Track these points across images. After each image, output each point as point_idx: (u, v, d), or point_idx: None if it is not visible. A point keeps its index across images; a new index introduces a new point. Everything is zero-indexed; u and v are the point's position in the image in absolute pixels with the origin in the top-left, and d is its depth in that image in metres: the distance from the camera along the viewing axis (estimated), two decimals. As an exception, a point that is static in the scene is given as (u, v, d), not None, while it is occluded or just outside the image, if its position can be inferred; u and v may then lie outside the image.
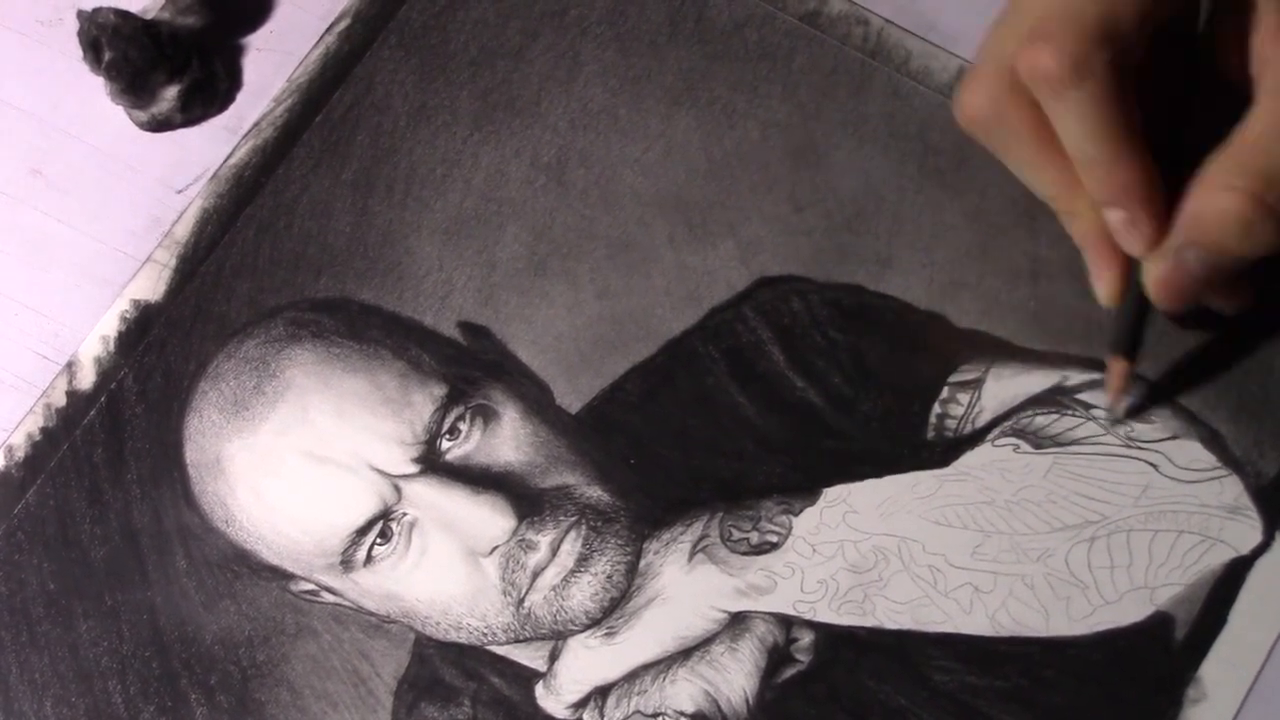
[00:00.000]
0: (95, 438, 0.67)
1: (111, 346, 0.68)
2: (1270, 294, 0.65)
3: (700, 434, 0.65)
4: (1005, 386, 0.65)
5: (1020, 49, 0.54)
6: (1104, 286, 0.60)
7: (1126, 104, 0.53)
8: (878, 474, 0.64)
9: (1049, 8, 0.54)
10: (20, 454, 0.66)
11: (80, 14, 0.70)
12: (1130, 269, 0.59)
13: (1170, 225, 0.56)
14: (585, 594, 0.63)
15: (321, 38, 0.73)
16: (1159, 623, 0.61)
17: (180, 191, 0.71)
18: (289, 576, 0.65)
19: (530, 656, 0.64)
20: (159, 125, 0.71)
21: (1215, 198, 0.54)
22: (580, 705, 0.62)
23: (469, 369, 0.66)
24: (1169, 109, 0.56)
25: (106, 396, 0.67)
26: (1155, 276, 0.57)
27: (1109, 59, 0.52)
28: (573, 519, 0.64)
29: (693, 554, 0.63)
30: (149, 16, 0.71)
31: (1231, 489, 0.62)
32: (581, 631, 0.63)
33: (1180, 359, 0.64)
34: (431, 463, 0.64)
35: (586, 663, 0.63)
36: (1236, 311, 0.62)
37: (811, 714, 0.61)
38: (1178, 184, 0.56)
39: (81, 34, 0.70)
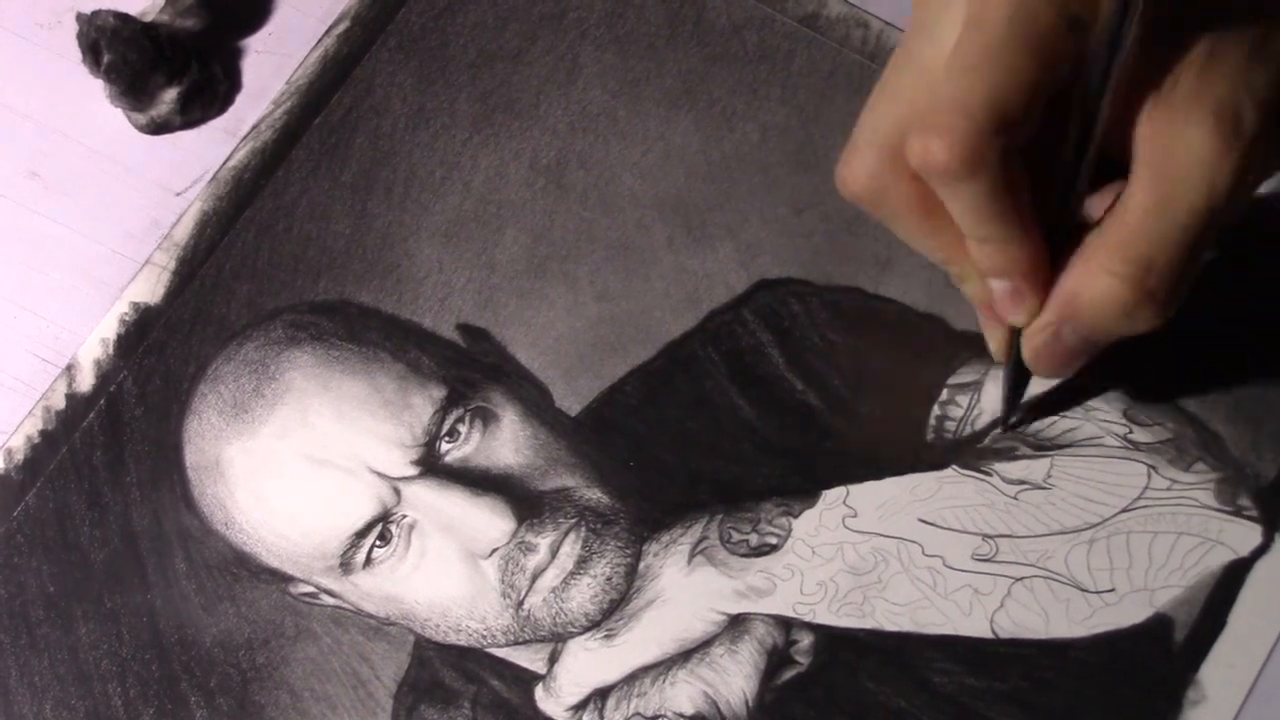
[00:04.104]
0: (94, 440, 0.67)
1: (111, 349, 0.68)
2: (1265, 298, 0.65)
3: (700, 436, 0.65)
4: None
5: (911, 137, 0.53)
6: (993, 343, 0.61)
7: (1016, 186, 0.53)
8: (877, 476, 0.64)
9: (936, 94, 0.52)
10: (19, 457, 0.66)
11: (79, 16, 0.70)
12: (1015, 332, 0.59)
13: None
14: (585, 596, 0.63)
15: (320, 40, 0.73)
16: (1158, 624, 0.61)
17: (179, 194, 0.71)
18: (288, 579, 0.65)
19: (530, 659, 0.64)
20: (158, 128, 0.71)
21: (1095, 281, 0.53)
22: (580, 707, 0.62)
23: (468, 371, 0.66)
24: (1056, 172, 0.55)
25: (106, 399, 0.67)
26: (1032, 347, 0.57)
27: (1001, 150, 0.51)
28: (572, 521, 0.64)
29: (692, 556, 0.63)
30: (148, 19, 0.71)
31: (1230, 491, 0.62)
32: (581, 634, 0.63)
33: (1177, 361, 0.64)
34: (431, 465, 0.64)
35: (586, 665, 0.63)
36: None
37: (811, 716, 0.61)
38: (1061, 247, 0.55)
39: (80, 36, 0.70)
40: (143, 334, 0.68)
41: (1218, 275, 0.60)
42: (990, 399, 0.65)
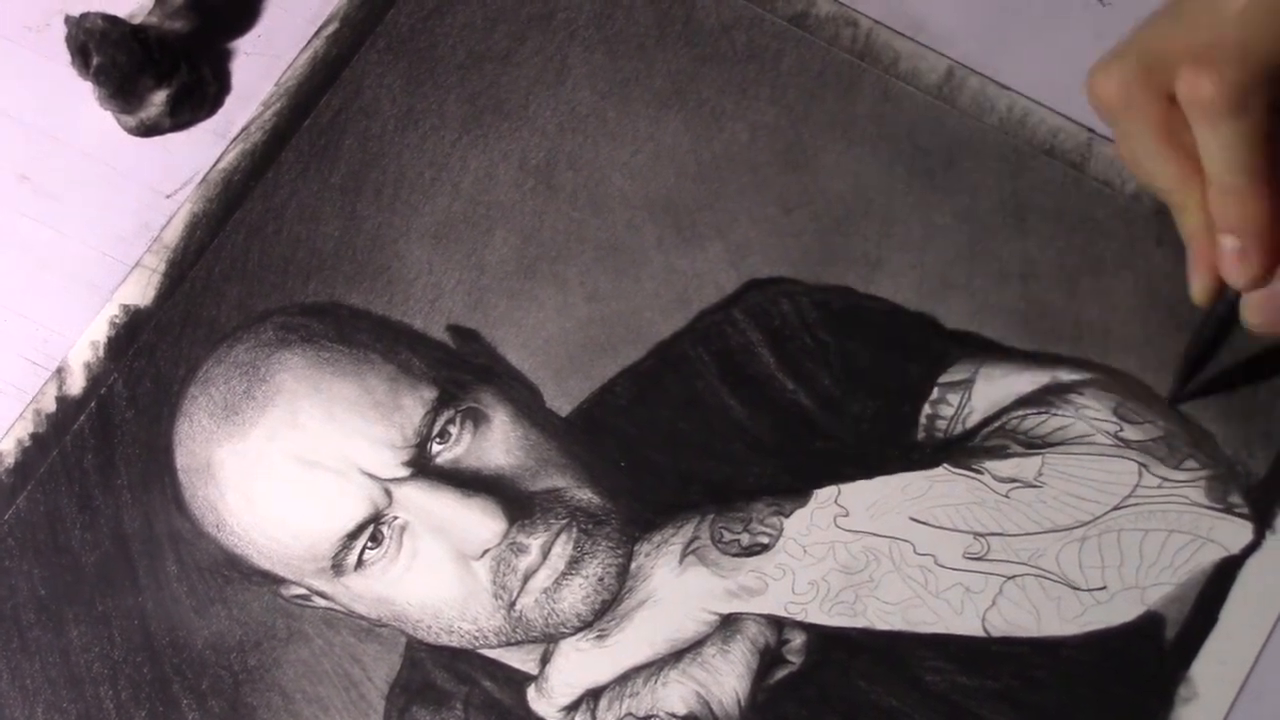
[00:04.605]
0: (85, 443, 0.66)
1: (101, 352, 0.68)
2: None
3: (690, 436, 0.65)
4: (995, 387, 0.65)
5: (1185, 67, 0.53)
6: (1199, 284, 0.59)
7: (1272, 142, 0.53)
8: (868, 475, 0.64)
9: (1220, 31, 0.53)
10: (10, 460, 0.66)
11: (68, 19, 0.70)
12: (1222, 286, 0.58)
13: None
14: (576, 596, 0.63)
15: (309, 42, 0.72)
16: (1150, 622, 0.61)
17: (169, 196, 0.71)
18: (280, 581, 0.65)
19: (522, 659, 0.64)
20: (147, 130, 0.71)
21: None
22: (572, 708, 0.62)
23: (459, 372, 0.66)
24: None
25: (96, 402, 0.67)
26: (1254, 301, 0.57)
27: (1271, 100, 0.52)
28: (563, 522, 0.64)
29: (684, 556, 0.63)
30: (137, 21, 0.71)
31: (1221, 488, 0.62)
32: (573, 634, 0.63)
33: (1171, 361, 0.64)
34: (422, 466, 0.64)
35: (578, 665, 0.63)
36: None
37: (803, 715, 0.61)
38: None
39: (70, 39, 0.70)
40: (133, 337, 0.68)
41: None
42: (981, 397, 0.65)
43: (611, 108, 0.71)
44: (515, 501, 0.64)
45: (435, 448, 0.64)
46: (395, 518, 0.64)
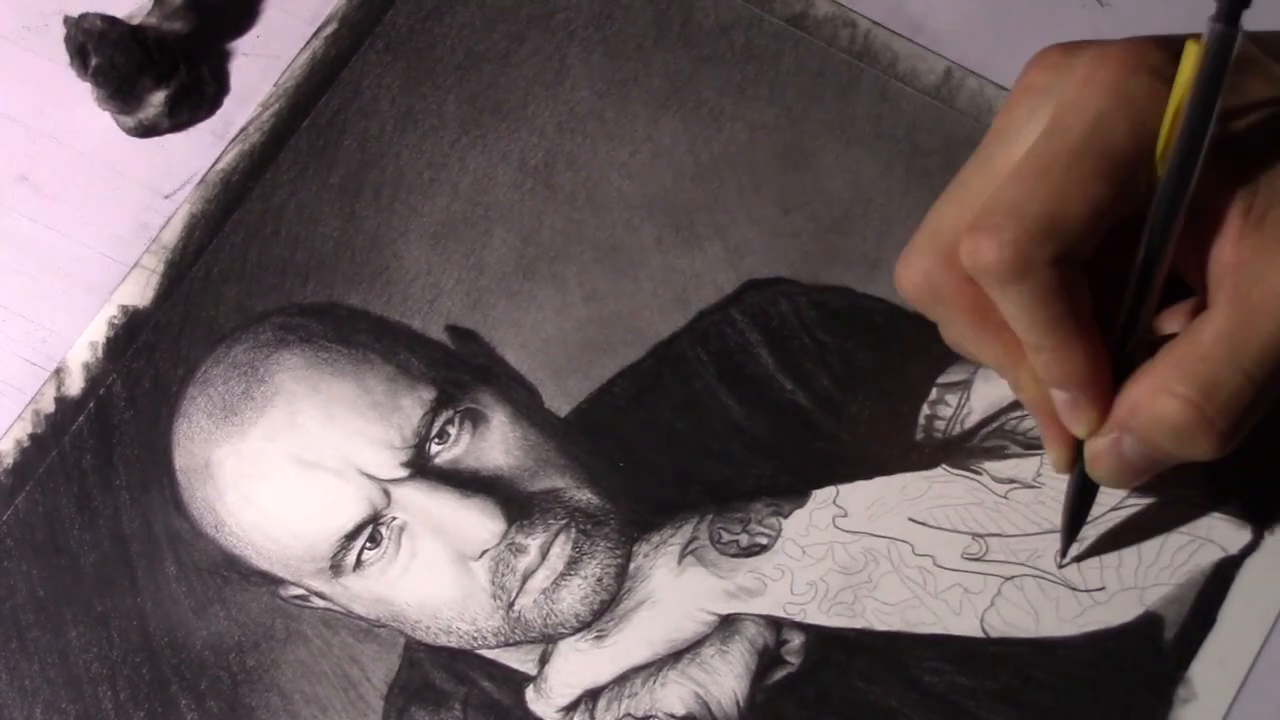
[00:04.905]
0: (84, 444, 0.66)
1: (100, 352, 0.68)
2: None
3: (689, 437, 0.65)
4: (994, 387, 0.65)
5: (963, 237, 0.53)
6: (1054, 456, 0.60)
7: (1072, 295, 0.52)
8: (867, 476, 0.64)
9: (994, 196, 0.52)
10: (8, 460, 0.66)
11: (66, 19, 0.70)
12: (1078, 444, 0.58)
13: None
14: (575, 597, 0.63)
15: (308, 42, 0.72)
16: (1148, 622, 0.61)
17: (168, 197, 0.71)
18: (279, 582, 0.65)
19: (521, 660, 0.64)
20: (146, 131, 0.71)
21: (1155, 399, 0.53)
22: (571, 708, 0.62)
23: (457, 373, 0.66)
24: (1124, 290, 0.55)
25: (95, 402, 0.67)
26: (1093, 453, 0.57)
27: (1052, 256, 0.51)
28: (562, 522, 0.64)
29: (682, 556, 0.63)
30: (135, 22, 0.71)
31: (1219, 488, 0.62)
32: (572, 635, 0.63)
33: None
34: (420, 467, 0.64)
35: (577, 666, 0.63)
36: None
37: (802, 716, 0.61)
38: (1131, 360, 0.55)
39: (68, 40, 0.70)
40: (131, 337, 0.68)
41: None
42: (980, 398, 0.65)
43: (610, 108, 0.71)
44: (514, 502, 0.64)
45: (434, 448, 0.64)
46: (394, 518, 0.64)
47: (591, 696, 0.62)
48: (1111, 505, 0.62)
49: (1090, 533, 0.62)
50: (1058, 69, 0.55)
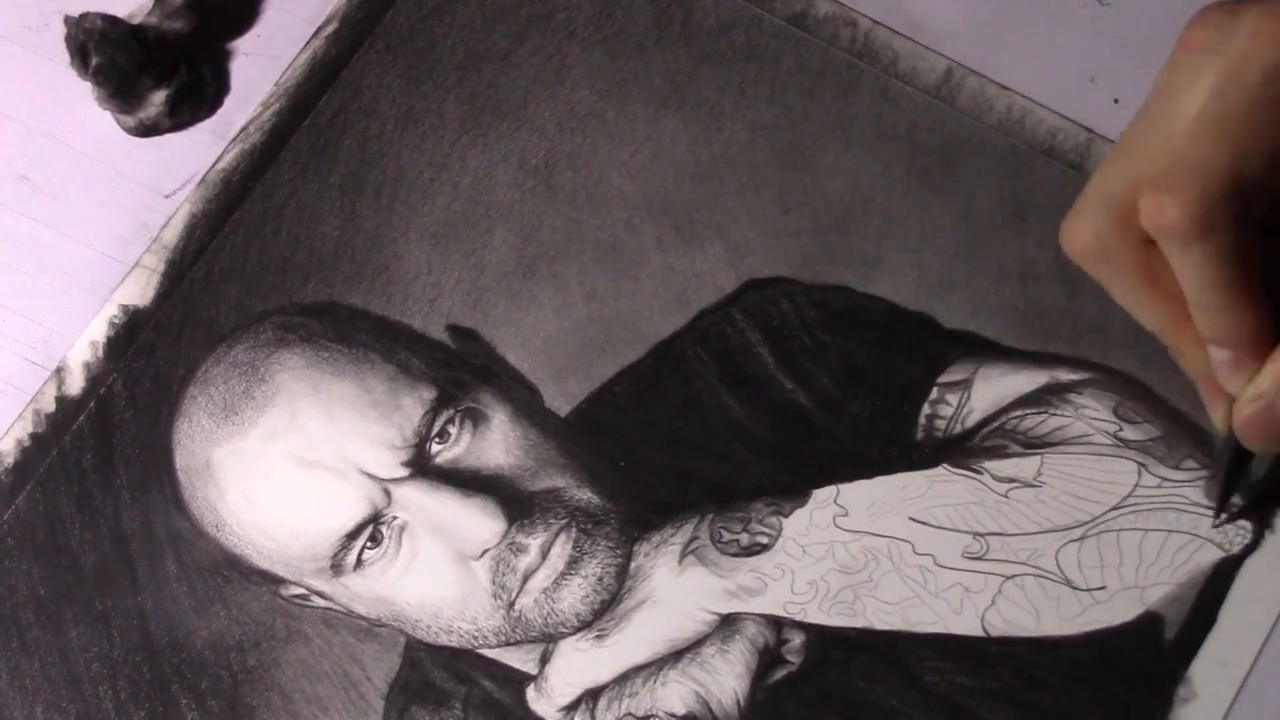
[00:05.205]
0: (84, 443, 0.66)
1: (100, 352, 0.68)
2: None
3: (690, 436, 0.65)
4: (994, 387, 0.65)
5: (1145, 196, 0.52)
6: (1218, 415, 0.58)
7: (1248, 254, 0.52)
8: (867, 475, 0.64)
9: (1176, 155, 0.52)
10: (9, 460, 0.66)
11: (67, 19, 0.70)
12: None
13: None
14: (575, 596, 0.63)
15: (309, 42, 0.72)
16: (1149, 622, 0.61)
17: (168, 196, 0.71)
18: (279, 581, 0.65)
19: (521, 659, 0.64)
20: (147, 130, 0.71)
21: None
22: (571, 708, 0.62)
23: (458, 372, 0.66)
24: None
25: (96, 402, 0.67)
26: (1242, 416, 0.57)
27: (1234, 214, 0.51)
28: (563, 521, 0.64)
29: (683, 556, 0.63)
30: (136, 21, 0.71)
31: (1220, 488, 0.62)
32: (572, 634, 0.63)
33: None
34: (421, 466, 0.64)
35: (577, 665, 0.63)
36: None
37: (803, 715, 0.61)
38: None
39: (69, 39, 0.70)
40: (132, 336, 0.68)
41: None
42: (980, 397, 0.65)
43: (610, 108, 0.71)
44: (514, 501, 0.64)
45: (434, 448, 0.64)
46: (394, 518, 0.64)
47: (592, 696, 0.62)
48: (1111, 505, 0.62)
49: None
50: (1220, 27, 0.55)
